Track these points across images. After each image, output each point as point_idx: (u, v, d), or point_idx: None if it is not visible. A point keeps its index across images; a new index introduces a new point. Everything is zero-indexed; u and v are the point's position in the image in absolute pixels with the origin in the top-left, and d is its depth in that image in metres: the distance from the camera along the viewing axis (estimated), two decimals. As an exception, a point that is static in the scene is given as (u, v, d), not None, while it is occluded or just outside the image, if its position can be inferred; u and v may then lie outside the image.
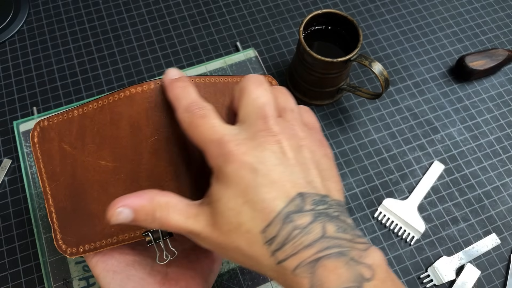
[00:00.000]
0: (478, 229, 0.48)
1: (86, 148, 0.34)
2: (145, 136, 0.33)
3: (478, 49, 0.60)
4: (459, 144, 0.53)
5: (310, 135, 0.28)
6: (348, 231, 0.25)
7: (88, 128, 0.34)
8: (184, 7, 0.61)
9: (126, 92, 0.33)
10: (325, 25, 0.51)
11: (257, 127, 0.26)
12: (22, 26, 0.58)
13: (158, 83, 0.33)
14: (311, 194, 0.25)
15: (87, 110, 0.34)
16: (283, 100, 0.29)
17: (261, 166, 0.25)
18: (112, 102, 0.33)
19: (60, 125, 0.35)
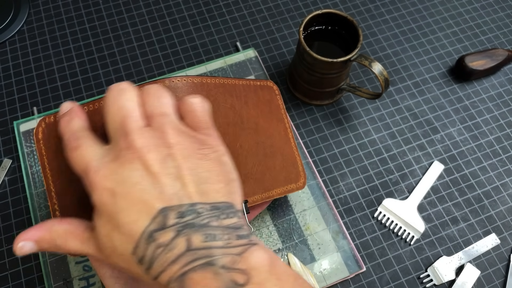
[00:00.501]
0: (477, 229, 0.48)
1: None
2: None
3: (478, 49, 0.60)
4: (459, 144, 0.53)
5: (185, 139, 0.27)
6: (220, 237, 0.24)
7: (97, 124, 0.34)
8: (184, 7, 0.61)
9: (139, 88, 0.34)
10: (325, 25, 0.51)
11: (119, 145, 0.26)
12: (22, 26, 0.58)
13: (173, 81, 0.34)
14: (175, 207, 0.24)
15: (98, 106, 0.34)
16: (152, 104, 0.28)
17: (120, 189, 0.25)
18: None
19: None
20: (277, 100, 0.45)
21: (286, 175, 0.42)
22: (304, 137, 0.52)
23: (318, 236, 0.46)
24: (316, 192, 0.48)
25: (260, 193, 0.39)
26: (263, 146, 0.41)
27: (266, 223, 0.47)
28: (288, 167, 0.42)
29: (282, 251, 0.45)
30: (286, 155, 0.43)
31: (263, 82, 0.44)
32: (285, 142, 0.43)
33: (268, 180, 0.40)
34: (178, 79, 0.35)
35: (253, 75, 0.55)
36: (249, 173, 0.39)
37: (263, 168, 0.40)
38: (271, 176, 0.40)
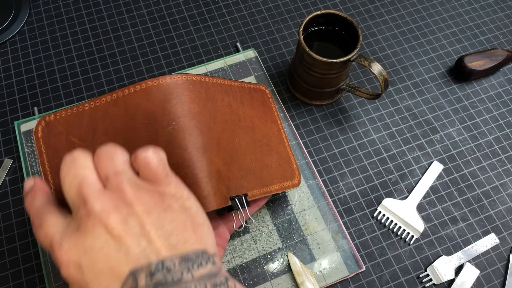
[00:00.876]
0: (477, 228, 0.48)
1: (98, 140, 0.34)
2: (161, 126, 0.34)
3: (477, 49, 0.60)
4: (458, 144, 0.53)
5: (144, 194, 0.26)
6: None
7: (100, 121, 0.34)
8: (184, 7, 0.61)
9: (142, 85, 0.34)
10: (324, 25, 0.51)
11: (80, 214, 0.26)
12: (23, 27, 0.59)
13: (174, 77, 0.35)
14: (144, 267, 0.24)
15: (99, 103, 0.35)
16: (106, 165, 0.27)
17: (85, 260, 0.24)
18: (127, 95, 0.34)
19: (68, 119, 0.35)
20: (269, 102, 0.47)
21: (282, 173, 0.43)
22: (304, 137, 0.53)
23: (318, 235, 0.46)
24: (315, 192, 0.49)
25: (259, 188, 0.40)
26: (260, 144, 0.42)
27: (266, 222, 0.47)
28: (283, 165, 0.44)
29: (282, 251, 0.46)
30: (281, 154, 0.44)
31: (256, 85, 0.46)
32: (279, 142, 0.45)
33: (266, 176, 0.41)
34: (179, 76, 0.35)
35: (253, 75, 0.55)
36: (248, 169, 0.39)
37: (261, 165, 0.41)
38: (268, 172, 0.41)
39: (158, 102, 0.34)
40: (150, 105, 0.34)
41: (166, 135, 0.34)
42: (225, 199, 0.35)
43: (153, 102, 0.34)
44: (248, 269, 0.45)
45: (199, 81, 0.37)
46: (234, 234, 0.46)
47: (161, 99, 0.34)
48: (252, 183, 0.39)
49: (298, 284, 0.43)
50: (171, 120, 0.34)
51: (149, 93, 0.34)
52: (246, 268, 0.45)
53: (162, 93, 0.34)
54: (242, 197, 0.37)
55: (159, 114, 0.34)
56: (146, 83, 0.34)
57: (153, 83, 0.34)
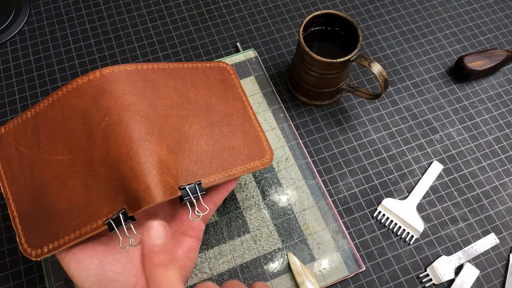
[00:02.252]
0: (477, 228, 0.48)
1: (42, 146, 0.35)
2: (95, 123, 0.33)
3: (477, 49, 0.60)
4: (458, 144, 0.53)
5: None
6: None
7: (41, 127, 0.35)
8: (184, 7, 0.61)
9: (73, 84, 0.34)
10: (324, 25, 0.51)
11: None
12: (23, 27, 0.59)
13: (104, 71, 0.35)
14: None
15: (39, 109, 0.35)
16: None
17: None
18: (61, 96, 0.35)
19: (15, 129, 0.36)
20: (232, 79, 0.45)
21: (249, 153, 0.41)
22: (304, 137, 0.53)
23: (318, 235, 0.47)
24: (315, 192, 0.49)
25: (219, 172, 0.38)
26: (219, 126, 0.40)
27: (266, 222, 0.47)
28: (250, 144, 0.41)
29: (281, 251, 0.46)
30: (247, 132, 0.42)
31: (213, 63, 0.44)
32: (244, 119, 0.43)
33: (227, 159, 0.39)
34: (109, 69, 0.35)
35: (253, 75, 0.55)
36: (202, 154, 0.38)
37: (220, 148, 0.39)
38: (230, 154, 0.39)
39: (91, 98, 0.34)
40: (83, 103, 0.34)
41: (101, 132, 0.33)
42: (171, 189, 0.34)
43: (85, 100, 0.34)
44: (248, 269, 0.45)
45: (134, 70, 0.37)
46: (234, 234, 0.46)
47: (92, 95, 0.34)
48: (209, 168, 0.37)
49: (298, 284, 0.44)
50: (104, 115, 0.33)
51: (80, 91, 0.34)
52: (246, 268, 0.45)
53: (93, 89, 0.34)
54: (195, 184, 0.35)
55: (92, 111, 0.34)
56: (77, 81, 0.34)
57: (83, 80, 0.34)
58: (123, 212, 0.32)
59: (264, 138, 0.43)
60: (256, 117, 0.44)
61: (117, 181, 0.33)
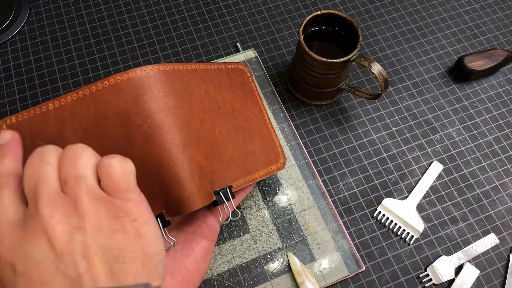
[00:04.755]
0: (477, 228, 0.48)
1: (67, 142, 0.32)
2: (136, 125, 0.32)
3: (477, 49, 0.60)
4: (458, 144, 0.53)
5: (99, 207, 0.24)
6: None
7: (67, 121, 0.32)
8: (184, 7, 0.61)
9: (110, 80, 0.32)
10: (324, 25, 0.51)
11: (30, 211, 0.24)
12: (23, 27, 0.59)
13: (145, 70, 0.32)
14: None
15: (65, 102, 0.32)
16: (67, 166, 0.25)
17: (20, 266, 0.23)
18: (95, 92, 0.32)
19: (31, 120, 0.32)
20: (249, 82, 0.44)
21: (266, 157, 0.41)
22: (303, 137, 0.53)
23: (318, 235, 0.47)
24: (315, 192, 0.49)
25: (243, 177, 0.38)
26: (242, 130, 0.40)
27: (266, 222, 0.47)
28: (267, 148, 0.42)
29: (281, 251, 0.46)
30: (264, 137, 0.42)
31: (233, 65, 0.43)
32: (262, 124, 0.43)
33: (250, 163, 0.39)
34: (150, 68, 0.33)
35: (253, 75, 0.55)
36: (230, 158, 0.37)
37: (244, 152, 0.39)
38: (252, 159, 0.40)
39: (130, 98, 0.32)
40: (122, 102, 0.32)
41: (142, 134, 0.32)
42: (209, 195, 0.34)
43: (124, 99, 0.32)
44: (248, 269, 0.45)
45: (172, 71, 0.35)
46: (234, 234, 0.46)
47: (132, 94, 0.32)
48: (236, 172, 0.38)
49: (298, 284, 0.44)
50: (145, 117, 0.32)
51: (119, 88, 0.32)
52: (246, 268, 0.45)
53: (134, 88, 0.32)
54: (227, 189, 0.36)
55: (132, 111, 0.32)
56: (115, 77, 0.32)
57: (123, 78, 0.32)
58: (160, 216, 0.32)
59: (278, 142, 0.43)
60: (270, 121, 0.44)
61: (157, 185, 0.32)
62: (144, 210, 0.26)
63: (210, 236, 0.38)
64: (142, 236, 0.25)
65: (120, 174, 0.26)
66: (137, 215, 0.25)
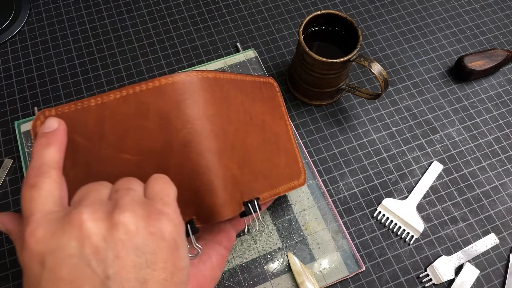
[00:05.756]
0: (477, 228, 0.48)
1: (105, 140, 0.32)
2: (176, 129, 0.32)
3: (477, 49, 0.60)
4: (458, 144, 0.53)
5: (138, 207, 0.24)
6: None
7: (107, 119, 0.32)
8: (184, 7, 0.61)
9: (155, 82, 0.32)
10: (324, 25, 0.51)
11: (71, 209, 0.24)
12: (23, 27, 0.59)
13: (189, 75, 0.33)
14: None
15: (107, 100, 0.32)
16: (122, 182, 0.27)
17: (50, 260, 0.22)
18: (138, 92, 0.32)
19: (72, 115, 0.32)
20: (277, 97, 0.45)
21: (290, 172, 0.41)
22: (304, 137, 0.53)
23: (318, 235, 0.47)
24: (315, 192, 0.49)
25: (269, 190, 0.38)
26: (270, 143, 0.40)
27: (266, 222, 0.47)
28: (291, 164, 0.42)
29: (281, 251, 0.46)
30: (288, 152, 0.42)
31: (265, 78, 0.43)
32: (287, 139, 0.43)
33: (275, 177, 0.39)
34: (194, 73, 0.33)
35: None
36: (259, 170, 0.37)
37: (271, 165, 0.39)
38: (277, 173, 0.40)
39: (173, 102, 0.32)
40: (164, 104, 0.32)
41: (181, 139, 0.32)
42: (239, 205, 0.34)
43: (167, 102, 0.32)
44: (248, 269, 0.45)
45: (214, 79, 0.35)
46: (234, 234, 0.46)
47: (175, 98, 0.32)
48: (263, 185, 0.37)
49: (298, 284, 0.44)
50: (186, 122, 0.32)
51: (163, 91, 0.32)
52: (246, 268, 0.45)
53: (177, 92, 0.32)
54: (255, 201, 0.35)
55: (173, 115, 0.32)
56: (160, 80, 0.32)
57: (167, 81, 0.32)
58: (191, 222, 0.32)
59: (300, 158, 0.43)
60: (294, 137, 0.44)
61: (191, 191, 0.32)
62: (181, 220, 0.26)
63: (227, 244, 0.38)
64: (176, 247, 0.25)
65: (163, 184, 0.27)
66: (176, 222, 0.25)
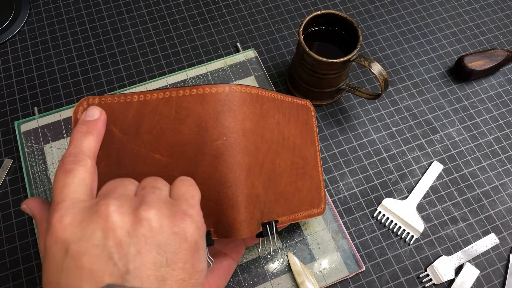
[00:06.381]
0: (477, 228, 0.48)
1: (140, 137, 0.32)
2: (211, 138, 0.32)
3: (477, 49, 0.60)
4: (458, 144, 0.53)
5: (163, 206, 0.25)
6: None
7: (147, 117, 0.32)
8: (184, 7, 0.61)
9: (199, 89, 0.32)
10: (324, 25, 0.51)
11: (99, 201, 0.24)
12: (23, 27, 0.59)
13: (233, 88, 0.33)
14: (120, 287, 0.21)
15: (150, 98, 0.32)
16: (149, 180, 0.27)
17: (74, 247, 0.22)
18: (181, 96, 0.32)
19: (113, 106, 0.32)
20: (312, 121, 0.44)
21: (311, 199, 0.41)
22: (304, 137, 0.53)
23: (318, 235, 0.47)
24: (315, 192, 0.49)
25: (288, 214, 0.37)
26: (297, 167, 0.40)
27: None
28: (314, 191, 0.41)
29: (281, 251, 0.46)
30: (313, 178, 0.42)
31: (303, 101, 0.43)
32: (314, 165, 0.42)
33: (297, 202, 0.39)
34: (238, 87, 0.33)
35: (253, 76, 0.55)
36: (282, 193, 0.37)
37: (294, 189, 0.39)
38: (299, 198, 0.39)
39: (213, 111, 0.32)
40: (204, 113, 0.32)
41: (214, 149, 0.32)
42: (258, 225, 0.34)
43: (207, 111, 0.32)
44: (248, 269, 0.45)
45: (256, 95, 0.35)
46: (234, 234, 0.46)
47: (216, 109, 0.32)
48: (284, 208, 0.37)
49: (298, 284, 0.44)
50: (222, 134, 0.32)
51: (205, 99, 0.32)
52: (246, 268, 0.45)
53: (219, 103, 0.32)
54: (273, 223, 0.35)
55: (211, 125, 0.32)
56: (204, 88, 0.32)
57: (211, 90, 0.32)
58: (208, 234, 0.32)
59: (323, 187, 0.43)
60: (321, 164, 0.44)
61: (214, 203, 0.32)
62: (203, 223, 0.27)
63: (235, 257, 0.38)
64: (197, 249, 0.25)
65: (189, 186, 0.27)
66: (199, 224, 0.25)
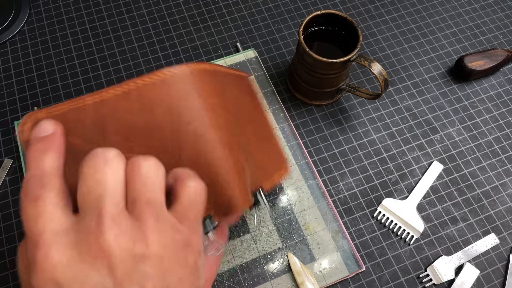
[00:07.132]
0: (477, 228, 0.48)
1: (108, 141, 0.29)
2: (185, 122, 0.30)
3: (477, 49, 0.60)
4: (458, 144, 0.53)
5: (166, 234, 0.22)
6: None
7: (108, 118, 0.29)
8: (184, 7, 0.61)
9: (158, 75, 0.30)
10: (324, 25, 0.51)
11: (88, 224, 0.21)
12: (23, 27, 0.59)
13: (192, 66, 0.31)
14: None
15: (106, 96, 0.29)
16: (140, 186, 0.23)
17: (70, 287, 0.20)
18: (142, 87, 0.30)
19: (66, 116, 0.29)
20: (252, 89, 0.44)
21: (278, 161, 0.41)
22: (304, 137, 0.53)
23: (318, 235, 0.47)
24: (315, 192, 0.49)
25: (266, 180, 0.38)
26: (260, 134, 0.40)
27: (266, 222, 0.47)
28: (276, 152, 0.42)
29: (282, 251, 0.46)
30: (272, 141, 0.42)
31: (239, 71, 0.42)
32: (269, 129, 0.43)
33: (269, 166, 0.39)
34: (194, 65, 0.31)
35: (253, 75, 0.55)
36: (258, 161, 0.37)
37: (263, 156, 0.39)
38: (269, 162, 0.40)
39: (181, 94, 0.30)
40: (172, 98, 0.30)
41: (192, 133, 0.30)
42: (249, 195, 0.33)
43: (174, 95, 0.30)
44: (248, 269, 0.45)
45: (213, 71, 0.34)
46: (234, 234, 0.46)
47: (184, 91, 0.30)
48: (261, 175, 0.38)
49: (298, 284, 0.43)
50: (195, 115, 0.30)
51: (168, 84, 0.30)
52: (246, 268, 0.45)
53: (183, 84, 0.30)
54: (260, 189, 0.35)
55: (182, 108, 0.30)
56: (163, 72, 0.30)
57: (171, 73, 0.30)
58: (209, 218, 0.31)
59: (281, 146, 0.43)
60: (272, 127, 0.44)
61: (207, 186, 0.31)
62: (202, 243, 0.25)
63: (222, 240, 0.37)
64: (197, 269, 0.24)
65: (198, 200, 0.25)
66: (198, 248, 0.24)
